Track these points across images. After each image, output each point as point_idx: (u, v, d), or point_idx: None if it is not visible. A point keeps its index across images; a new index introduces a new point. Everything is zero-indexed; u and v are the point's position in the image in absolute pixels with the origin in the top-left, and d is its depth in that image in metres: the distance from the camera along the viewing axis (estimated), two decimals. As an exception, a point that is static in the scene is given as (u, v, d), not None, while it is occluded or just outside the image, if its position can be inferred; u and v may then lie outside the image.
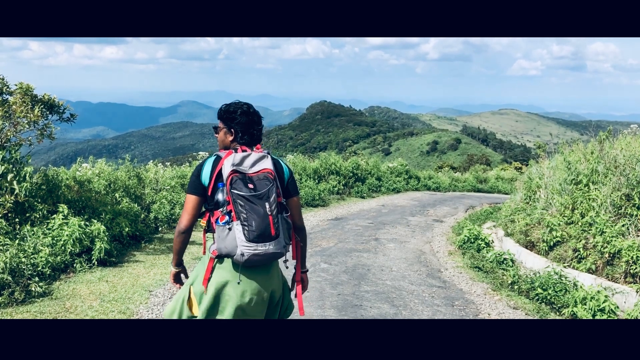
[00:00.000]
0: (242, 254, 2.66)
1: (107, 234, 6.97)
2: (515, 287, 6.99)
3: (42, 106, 6.83)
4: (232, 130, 2.97)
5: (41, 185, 7.01)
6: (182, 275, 3.20)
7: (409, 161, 25.96)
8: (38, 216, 6.63)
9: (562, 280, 6.59)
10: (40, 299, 5.53)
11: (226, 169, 2.73)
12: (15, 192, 6.33)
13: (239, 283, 2.78)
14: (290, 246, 3.00)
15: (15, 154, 6.51)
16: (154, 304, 5.64)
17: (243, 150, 2.84)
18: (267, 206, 2.69)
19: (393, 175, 20.88)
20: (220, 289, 2.81)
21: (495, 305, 6.35)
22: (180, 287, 3.12)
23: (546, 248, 8.16)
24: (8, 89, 6.85)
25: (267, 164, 2.81)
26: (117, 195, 8.93)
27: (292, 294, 3.19)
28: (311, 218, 12.58)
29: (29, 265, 5.71)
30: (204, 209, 2.93)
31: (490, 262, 8.25)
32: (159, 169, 12.68)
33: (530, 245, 8.98)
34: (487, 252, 9.57)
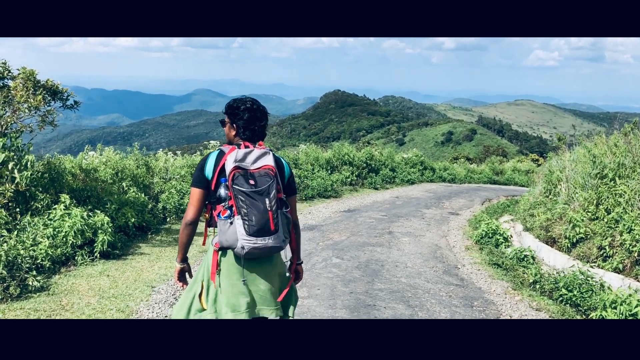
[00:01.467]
0: (243, 247, 2.74)
1: (110, 225, 6.71)
2: (537, 286, 6.63)
3: (44, 92, 6.55)
4: (235, 125, 3.02)
5: (43, 174, 6.74)
6: (187, 275, 3.20)
7: (423, 152, 25.53)
8: (40, 206, 6.38)
9: (588, 281, 6.21)
10: (37, 294, 5.28)
11: (229, 164, 2.78)
12: (16, 181, 6.08)
13: (244, 281, 2.86)
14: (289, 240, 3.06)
15: (16, 141, 6.23)
16: (155, 302, 5.35)
17: (246, 146, 2.89)
18: (267, 202, 2.76)
19: (407, 166, 20.48)
20: (227, 283, 2.88)
21: (517, 307, 6.00)
22: (184, 287, 3.16)
23: (568, 245, 7.78)
24: (10, 74, 6.59)
25: (268, 161, 2.86)
26: (124, 184, 8.68)
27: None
28: (323, 210, 12.28)
29: (27, 258, 5.47)
30: (207, 202, 2.99)
31: (510, 258, 7.89)
32: (168, 157, 12.44)
33: (551, 241, 8.60)
34: (505, 247, 9.22)
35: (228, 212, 2.81)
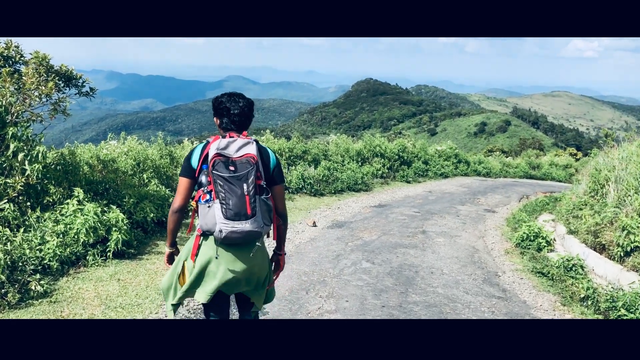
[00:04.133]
0: (221, 231, 2.85)
1: (126, 222, 6.26)
2: (590, 302, 5.97)
3: (57, 78, 6.13)
4: (215, 117, 3.20)
5: (57, 165, 6.33)
6: (175, 257, 3.35)
7: (455, 142, 24.70)
8: (52, 200, 5.98)
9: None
10: (39, 300, 4.86)
11: (211, 152, 2.89)
12: (26, 173, 5.69)
13: (217, 257, 2.99)
14: (272, 229, 3.20)
15: (26, 131, 5.81)
16: (164, 315, 4.82)
17: (230, 136, 2.99)
18: (245, 187, 2.85)
19: (441, 159, 19.75)
20: (205, 265, 3.02)
21: (567, 326, 5.37)
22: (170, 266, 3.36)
23: (621, 253, 7.08)
24: (23, 58, 6.18)
25: (250, 149, 2.94)
26: (144, 176, 8.26)
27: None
28: (352, 204, 11.73)
29: (32, 259, 5.04)
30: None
31: (557, 267, 7.21)
32: (194, 146, 12.06)
33: (600, 248, 7.90)
34: (547, 252, 8.55)
35: (208, 196, 2.93)
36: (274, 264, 3.41)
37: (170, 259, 3.39)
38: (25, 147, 5.71)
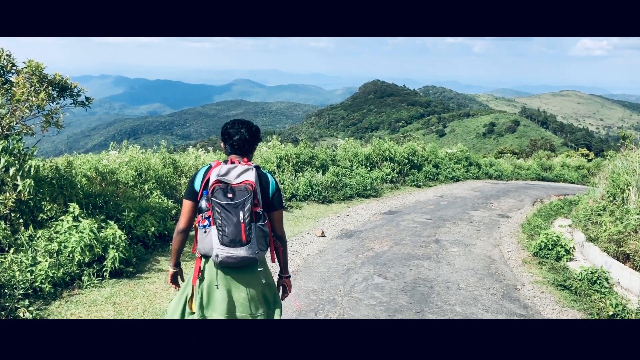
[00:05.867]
0: (217, 256, 2.94)
1: (124, 239, 5.91)
2: (619, 318, 5.59)
3: (50, 88, 5.80)
4: (223, 143, 3.26)
5: (51, 180, 5.99)
6: (179, 277, 3.45)
7: (464, 143, 24.32)
8: (46, 217, 5.66)
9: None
10: (27, 329, 4.50)
11: (212, 178, 2.97)
12: (18, 189, 5.38)
13: (217, 287, 3.06)
14: (268, 252, 3.21)
15: (17, 144, 5.48)
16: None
17: (232, 162, 3.08)
18: (241, 215, 2.91)
19: (452, 162, 19.35)
20: (210, 288, 3.09)
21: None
22: (176, 289, 3.42)
23: (648, 264, 6.70)
24: (15, 67, 5.88)
25: (249, 176, 2.99)
26: (146, 187, 7.95)
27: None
28: (362, 212, 11.37)
29: (21, 282, 4.71)
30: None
31: (579, 280, 6.81)
32: (199, 154, 11.73)
33: (624, 257, 7.50)
34: (567, 261, 8.16)
35: (206, 222, 3.03)
36: (281, 288, 3.46)
37: (174, 279, 3.43)
38: (16, 162, 5.39)
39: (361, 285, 6.36)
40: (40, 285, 5.01)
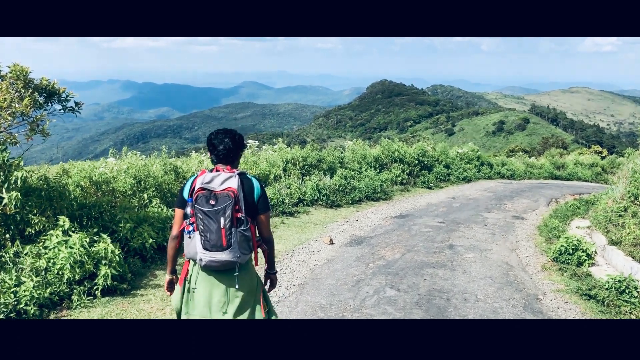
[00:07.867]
0: (201, 260, 3.12)
1: (117, 253, 5.52)
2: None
3: (37, 94, 5.45)
4: (209, 153, 3.37)
5: (40, 192, 5.60)
6: (175, 284, 3.54)
7: (473, 142, 23.82)
8: (34, 231, 5.29)
9: None
10: None
11: (197, 186, 3.13)
12: (3, 202, 5.03)
13: (194, 290, 3.27)
14: (252, 254, 3.37)
15: (2, 154, 5.11)
16: None
17: (216, 170, 3.23)
18: (222, 220, 3.05)
19: (463, 162, 18.87)
20: (192, 289, 3.28)
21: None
22: (172, 295, 3.53)
23: (679, 271, 6.25)
24: (-1, 72, 5.51)
25: (231, 184, 3.13)
26: (145, 195, 7.57)
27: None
28: (372, 216, 10.96)
29: (2, 306, 4.33)
30: None
31: (606, 289, 6.36)
32: (203, 158, 11.37)
33: (651, 262, 7.06)
34: (588, 266, 7.71)
35: (190, 227, 3.19)
36: (269, 282, 3.65)
37: (170, 286, 3.56)
38: (1, 173, 5.04)
39: (372, 299, 5.94)
40: (24, 308, 4.63)
